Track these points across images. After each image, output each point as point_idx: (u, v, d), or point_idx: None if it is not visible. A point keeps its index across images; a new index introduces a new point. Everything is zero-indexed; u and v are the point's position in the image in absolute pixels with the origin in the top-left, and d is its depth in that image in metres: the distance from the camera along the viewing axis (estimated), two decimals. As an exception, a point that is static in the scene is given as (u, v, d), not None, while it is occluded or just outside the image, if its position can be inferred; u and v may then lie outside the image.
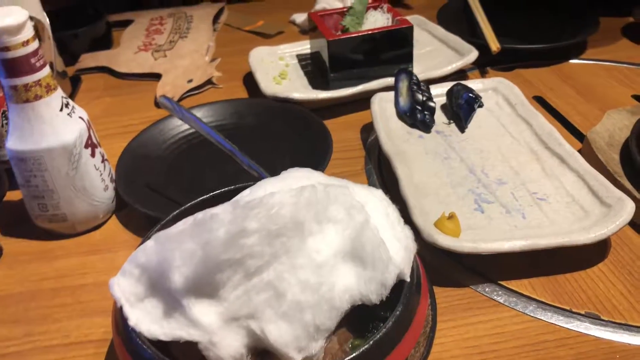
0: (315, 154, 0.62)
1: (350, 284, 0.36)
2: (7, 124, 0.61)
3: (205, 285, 0.34)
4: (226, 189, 0.47)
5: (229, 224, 0.34)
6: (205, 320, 0.34)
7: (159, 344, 0.35)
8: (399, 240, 0.39)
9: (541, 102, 0.74)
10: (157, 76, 0.86)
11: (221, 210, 0.35)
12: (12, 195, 0.61)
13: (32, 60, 0.49)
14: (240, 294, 0.35)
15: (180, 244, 0.34)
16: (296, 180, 0.40)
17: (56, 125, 0.52)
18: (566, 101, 0.74)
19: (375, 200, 0.40)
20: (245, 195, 0.40)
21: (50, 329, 0.48)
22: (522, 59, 0.83)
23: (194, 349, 0.35)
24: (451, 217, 0.50)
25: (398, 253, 0.38)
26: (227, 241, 0.34)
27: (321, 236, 0.37)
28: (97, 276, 0.53)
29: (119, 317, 0.37)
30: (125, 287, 0.36)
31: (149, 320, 0.35)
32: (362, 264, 0.37)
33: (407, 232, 0.40)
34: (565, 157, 0.57)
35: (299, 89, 0.76)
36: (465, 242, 0.47)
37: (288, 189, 0.37)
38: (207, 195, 0.47)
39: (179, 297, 0.35)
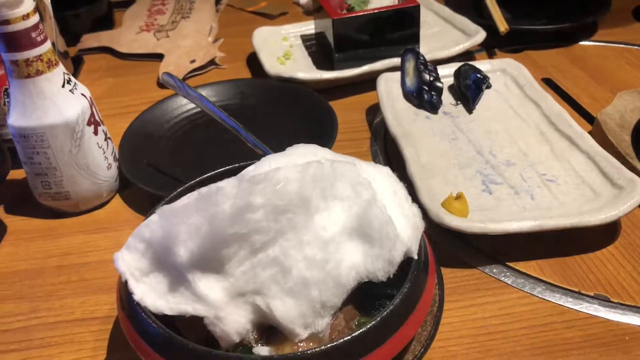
0: (320, 135, 0.61)
1: (356, 261, 0.36)
2: (8, 102, 0.61)
3: (211, 260, 0.34)
4: (230, 166, 0.47)
5: (234, 198, 0.33)
6: (211, 295, 0.34)
7: (164, 319, 0.35)
8: (406, 218, 0.38)
9: (550, 84, 0.73)
10: (159, 56, 0.85)
11: (226, 184, 0.34)
12: (16, 174, 0.61)
13: (33, 35, 0.48)
14: (246, 269, 0.34)
15: (185, 218, 0.34)
16: (302, 156, 0.39)
17: (58, 101, 0.51)
18: (576, 83, 0.73)
19: (382, 177, 0.40)
20: (250, 170, 0.39)
21: (55, 306, 0.48)
22: (531, 41, 0.82)
23: (199, 324, 0.34)
24: (459, 197, 0.49)
25: (405, 231, 0.37)
26: (232, 215, 0.33)
27: (327, 213, 0.36)
28: (101, 254, 0.52)
29: (124, 292, 0.37)
30: (130, 262, 0.36)
31: (154, 295, 0.35)
32: (368, 241, 0.36)
33: (414, 210, 0.39)
34: (575, 138, 0.57)
35: (304, 69, 0.75)
36: (474, 223, 0.47)
37: (293, 164, 0.36)
38: (212, 173, 0.46)
39: (184, 272, 0.34)
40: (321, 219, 0.36)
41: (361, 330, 0.33)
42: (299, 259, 0.35)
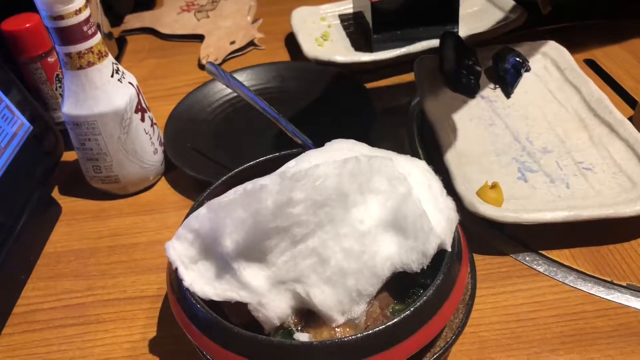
0: (358, 120, 0.62)
1: (391, 253, 0.37)
2: (60, 87, 0.64)
3: (254, 251, 0.36)
4: (271, 155, 0.49)
5: (276, 195, 0.35)
6: (254, 283, 0.36)
7: (211, 303, 0.37)
8: (441, 212, 0.39)
9: (592, 65, 0.72)
10: (200, 37, 0.87)
11: (269, 181, 0.36)
12: (68, 156, 0.64)
13: (85, 28, 0.50)
14: (287, 259, 0.36)
15: (231, 212, 0.36)
16: (339, 152, 0.40)
17: (108, 91, 0.54)
18: (619, 65, 0.71)
19: (418, 171, 0.41)
20: (291, 166, 0.41)
21: (108, 284, 0.51)
22: (574, 20, 0.80)
23: (243, 310, 0.37)
24: (494, 186, 0.50)
25: (440, 224, 0.39)
26: (275, 210, 0.35)
27: (364, 207, 0.38)
28: (150, 235, 0.55)
29: (174, 278, 0.39)
30: (180, 250, 0.38)
31: (202, 282, 0.38)
32: (403, 234, 0.38)
33: (449, 204, 0.40)
34: (614, 125, 0.56)
35: (341, 52, 0.76)
36: (508, 212, 0.48)
37: (332, 160, 0.38)
38: (253, 162, 0.48)
39: (230, 261, 0.36)
40: (358, 213, 0.37)
41: (396, 319, 0.35)
42: (337, 250, 0.36)
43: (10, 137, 0.55)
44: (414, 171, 0.40)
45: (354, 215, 0.37)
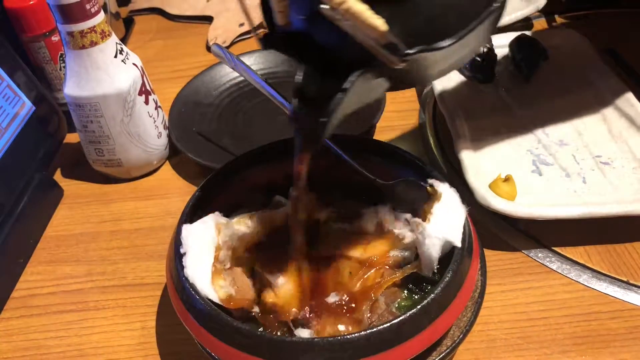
0: (368, 107, 0.60)
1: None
2: (64, 67, 0.62)
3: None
4: (277, 141, 0.47)
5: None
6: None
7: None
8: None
9: (613, 55, 0.69)
10: (208, 19, 0.85)
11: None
12: (71, 138, 0.63)
13: (87, 6, 0.49)
14: None
15: None
16: None
17: (111, 71, 0.52)
18: (641, 55, 0.69)
19: None
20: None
21: (108, 270, 0.50)
22: (596, 6, 0.77)
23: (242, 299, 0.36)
24: (507, 179, 0.48)
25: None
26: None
27: None
28: (152, 221, 0.54)
29: (174, 268, 0.38)
30: None
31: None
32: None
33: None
34: (635, 118, 0.54)
35: (353, 36, 0.73)
36: (521, 207, 0.46)
37: None
38: (258, 148, 0.47)
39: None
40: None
41: (401, 317, 0.34)
42: None
43: (12, 117, 0.54)
44: None
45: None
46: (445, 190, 0.40)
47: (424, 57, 0.28)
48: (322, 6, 0.26)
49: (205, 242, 0.39)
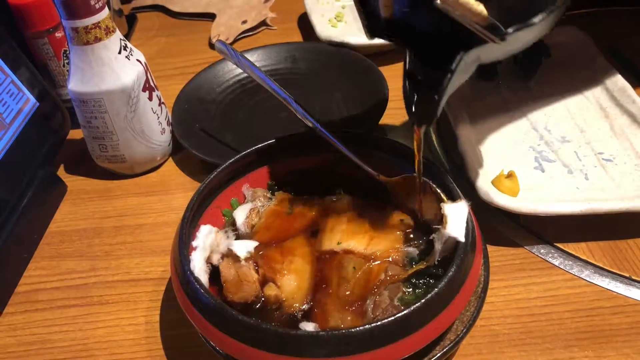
0: (370, 103, 0.61)
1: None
2: (68, 63, 0.63)
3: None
4: (280, 138, 0.47)
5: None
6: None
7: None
8: None
9: (616, 53, 0.69)
10: (211, 16, 0.85)
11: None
12: (75, 134, 0.63)
13: (92, 2, 0.49)
14: None
15: None
16: None
17: (115, 67, 0.52)
18: (644, 53, 0.69)
19: None
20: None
21: (112, 265, 0.50)
22: (598, 4, 0.77)
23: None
24: (510, 175, 0.48)
25: None
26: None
27: None
28: (156, 217, 0.54)
29: (178, 262, 0.38)
30: None
31: None
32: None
33: None
34: (637, 115, 0.54)
35: (355, 33, 0.73)
36: (523, 203, 0.46)
37: None
38: (262, 145, 0.47)
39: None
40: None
41: (405, 311, 0.34)
42: None
43: (16, 113, 0.54)
44: None
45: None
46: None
47: (516, 35, 0.34)
48: (437, 1, 0.31)
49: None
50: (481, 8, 0.32)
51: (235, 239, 0.42)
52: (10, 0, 0.59)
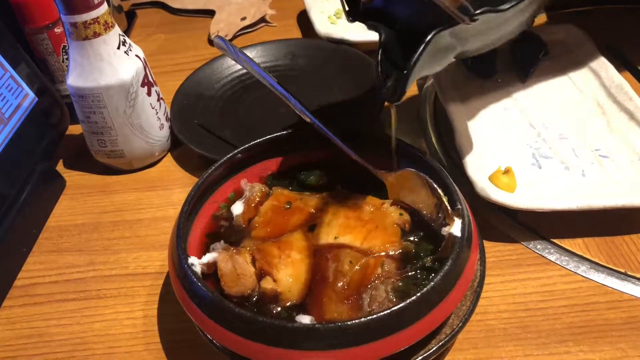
0: (368, 99, 0.61)
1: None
2: (67, 59, 0.63)
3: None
4: (278, 134, 0.48)
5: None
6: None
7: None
8: None
9: (614, 51, 0.69)
10: (210, 13, 0.86)
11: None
12: (73, 129, 0.63)
13: (91, -3, 0.49)
14: None
15: None
16: None
17: (114, 63, 0.52)
18: (641, 50, 0.69)
19: None
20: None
21: (110, 260, 0.50)
22: (596, 2, 0.77)
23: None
24: (507, 171, 0.49)
25: None
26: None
27: None
28: (154, 212, 0.55)
29: (176, 256, 0.38)
30: None
31: None
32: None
33: None
34: (634, 112, 0.54)
35: (355, 30, 0.73)
36: (520, 199, 0.46)
37: None
38: (260, 140, 0.47)
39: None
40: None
41: (401, 304, 0.34)
42: None
43: (15, 108, 0.54)
44: None
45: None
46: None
47: (487, 18, 0.36)
48: None
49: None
50: None
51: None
52: (9, -4, 0.60)
